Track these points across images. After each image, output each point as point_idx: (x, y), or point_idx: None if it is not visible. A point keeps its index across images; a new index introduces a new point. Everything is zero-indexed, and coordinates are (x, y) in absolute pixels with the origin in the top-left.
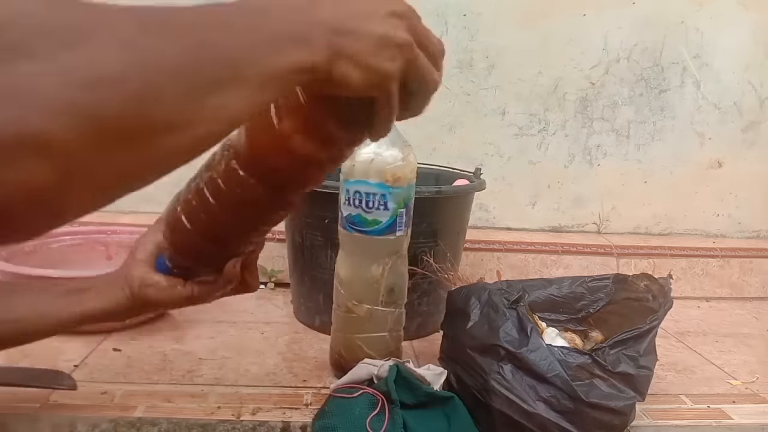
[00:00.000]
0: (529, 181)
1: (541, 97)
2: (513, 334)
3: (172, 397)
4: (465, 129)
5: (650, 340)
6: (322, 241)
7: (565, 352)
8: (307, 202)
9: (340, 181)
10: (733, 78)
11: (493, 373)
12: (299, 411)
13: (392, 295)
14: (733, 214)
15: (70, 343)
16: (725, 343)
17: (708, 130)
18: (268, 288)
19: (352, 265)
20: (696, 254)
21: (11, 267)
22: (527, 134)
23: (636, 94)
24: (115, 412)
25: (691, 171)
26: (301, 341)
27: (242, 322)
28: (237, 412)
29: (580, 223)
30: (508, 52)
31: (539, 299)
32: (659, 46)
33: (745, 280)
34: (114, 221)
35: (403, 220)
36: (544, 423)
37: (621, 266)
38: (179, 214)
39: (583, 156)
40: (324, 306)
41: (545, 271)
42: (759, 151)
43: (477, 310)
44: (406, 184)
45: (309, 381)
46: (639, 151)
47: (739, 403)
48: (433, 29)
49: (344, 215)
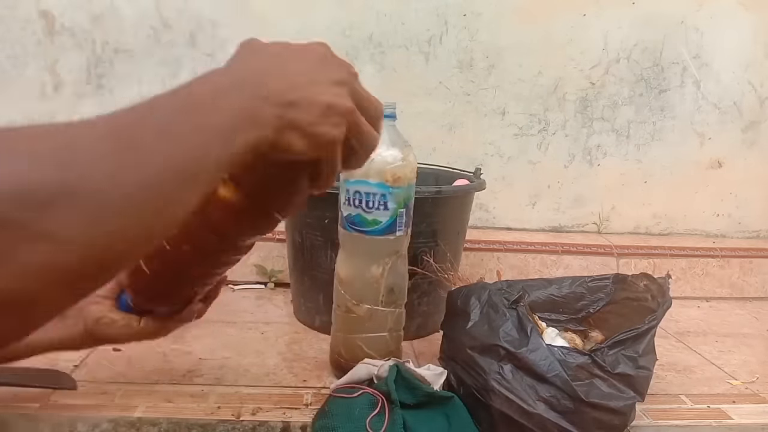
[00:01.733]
0: (529, 181)
1: (541, 97)
2: (513, 334)
3: (172, 397)
4: (465, 129)
5: (649, 340)
6: (322, 241)
7: (565, 352)
8: (307, 202)
9: (340, 181)
10: (733, 78)
11: (493, 373)
12: (299, 411)
13: (392, 295)
14: (733, 214)
15: None
16: (725, 343)
17: (708, 130)
18: (268, 288)
19: (352, 265)
20: (696, 254)
21: None
22: (527, 134)
23: (636, 94)
24: (115, 412)
25: (691, 171)
26: (301, 341)
27: (242, 322)
28: (237, 412)
29: (580, 223)
30: (508, 52)
31: (539, 299)
32: (659, 46)
33: (745, 280)
34: None
35: (403, 220)
36: (544, 423)
37: (621, 266)
38: None
39: (583, 156)
40: (324, 306)
41: (545, 271)
42: (759, 151)
43: (477, 310)
44: (406, 184)
45: (309, 381)
46: (639, 151)
47: (739, 403)
48: (433, 29)
49: (344, 215)
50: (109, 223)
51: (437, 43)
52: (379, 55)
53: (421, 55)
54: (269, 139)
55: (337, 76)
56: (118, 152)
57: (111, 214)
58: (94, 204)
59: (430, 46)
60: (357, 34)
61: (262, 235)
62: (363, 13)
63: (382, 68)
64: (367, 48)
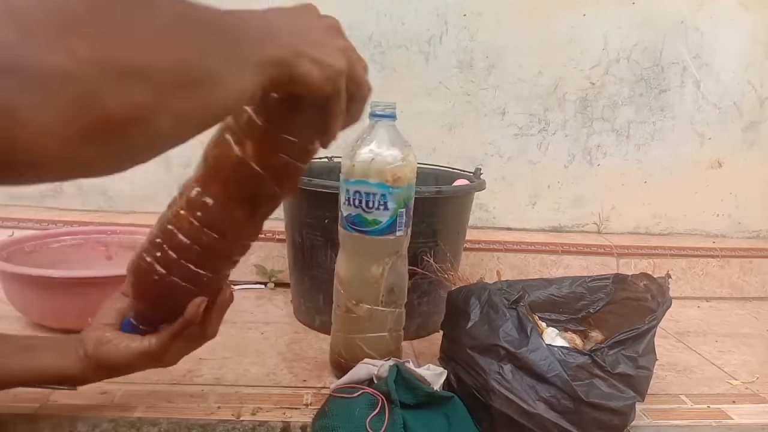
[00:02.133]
0: (529, 181)
1: (541, 97)
2: (513, 334)
3: (172, 397)
4: (465, 129)
5: (649, 340)
6: (322, 241)
7: (565, 352)
8: (307, 202)
9: (340, 181)
10: (733, 78)
11: (493, 373)
12: (299, 411)
13: (392, 295)
14: (733, 214)
15: None
16: (725, 343)
17: (708, 130)
18: (268, 288)
19: (352, 265)
20: (696, 254)
21: (11, 267)
22: (527, 134)
23: (636, 94)
24: (115, 412)
25: (691, 171)
26: (301, 341)
27: (242, 322)
28: (237, 412)
29: (580, 223)
30: (508, 52)
31: (539, 299)
32: (659, 46)
33: (745, 280)
34: (114, 221)
35: (403, 220)
36: (544, 423)
37: (621, 266)
38: (144, 260)
39: (583, 156)
40: (324, 306)
41: (545, 271)
42: (759, 151)
43: (477, 310)
44: (406, 184)
45: (309, 381)
46: (639, 151)
47: (739, 403)
48: (433, 29)
49: (344, 215)
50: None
51: (437, 43)
52: (379, 55)
53: (421, 55)
54: (288, 62)
55: (330, 23)
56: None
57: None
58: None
59: (430, 46)
60: (357, 34)
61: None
62: (363, 13)
63: (382, 68)
64: (367, 48)
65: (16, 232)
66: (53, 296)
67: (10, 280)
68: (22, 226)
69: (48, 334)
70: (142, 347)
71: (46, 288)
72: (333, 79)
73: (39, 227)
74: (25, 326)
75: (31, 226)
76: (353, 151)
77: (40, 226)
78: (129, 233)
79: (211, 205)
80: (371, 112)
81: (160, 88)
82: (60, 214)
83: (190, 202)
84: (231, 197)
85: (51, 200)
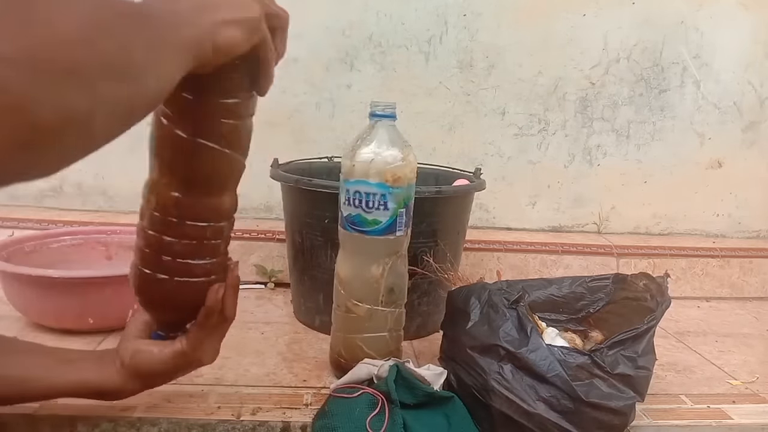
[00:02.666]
0: (529, 181)
1: (541, 97)
2: (513, 334)
3: (172, 397)
4: (465, 129)
5: (648, 340)
6: (322, 241)
7: (565, 352)
8: (307, 202)
9: (340, 181)
10: (733, 78)
11: (493, 373)
12: (299, 411)
13: (392, 295)
14: (733, 214)
15: (70, 343)
16: (725, 343)
17: (708, 130)
18: (268, 288)
19: (352, 265)
20: (696, 254)
21: (11, 267)
22: (527, 134)
23: (636, 94)
24: (115, 412)
25: (691, 171)
26: (301, 341)
27: (242, 322)
28: (237, 412)
29: (580, 223)
30: (508, 52)
31: (539, 299)
32: (659, 46)
33: (745, 280)
34: (114, 221)
35: (403, 220)
36: (544, 423)
37: (621, 266)
38: (142, 272)
39: (583, 156)
40: (324, 306)
41: (545, 271)
42: (759, 151)
43: (477, 310)
44: (406, 184)
45: (309, 381)
46: (639, 151)
47: (739, 403)
48: (433, 29)
49: (344, 215)
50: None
51: (437, 43)
52: (379, 55)
53: (421, 55)
54: (210, 41)
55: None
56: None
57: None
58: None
59: (430, 46)
60: (357, 34)
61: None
62: (363, 12)
63: (382, 68)
64: (367, 48)
65: (16, 232)
66: (53, 296)
67: (10, 280)
68: (22, 226)
69: (83, 348)
70: (175, 348)
71: (46, 288)
72: (255, 28)
73: (39, 227)
74: (25, 326)
75: (31, 226)
76: (353, 151)
77: (40, 226)
78: (129, 233)
79: (181, 198)
80: (371, 112)
81: (90, 85)
82: (60, 214)
83: (160, 202)
84: (196, 182)
85: (51, 200)
